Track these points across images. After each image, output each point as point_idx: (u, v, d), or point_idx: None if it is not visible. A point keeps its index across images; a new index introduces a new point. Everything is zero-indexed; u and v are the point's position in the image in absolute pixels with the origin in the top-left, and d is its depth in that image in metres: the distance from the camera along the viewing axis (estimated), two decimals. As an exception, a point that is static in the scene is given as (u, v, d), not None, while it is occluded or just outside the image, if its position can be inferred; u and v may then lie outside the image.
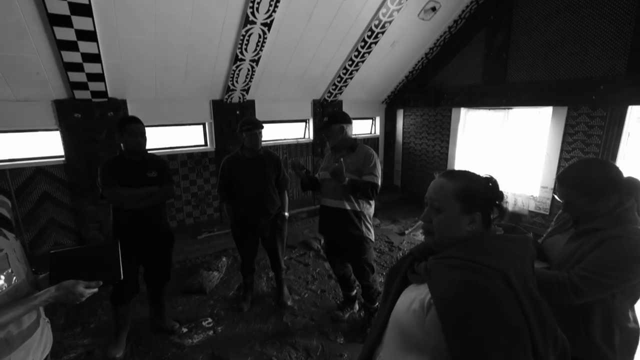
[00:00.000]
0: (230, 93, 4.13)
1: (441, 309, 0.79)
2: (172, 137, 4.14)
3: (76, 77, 3.10)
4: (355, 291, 2.92)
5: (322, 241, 4.31)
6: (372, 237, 2.53)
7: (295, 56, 4.10)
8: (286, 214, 2.91)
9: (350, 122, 2.46)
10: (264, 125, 2.73)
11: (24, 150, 3.34)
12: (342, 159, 2.21)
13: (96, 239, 3.70)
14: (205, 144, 4.36)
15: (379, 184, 2.34)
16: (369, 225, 2.49)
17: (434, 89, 5.24)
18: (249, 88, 4.19)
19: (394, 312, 0.98)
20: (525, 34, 4.14)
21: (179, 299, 3.12)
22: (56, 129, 3.35)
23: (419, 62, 5.24)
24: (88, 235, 3.67)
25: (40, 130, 3.33)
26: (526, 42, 4.15)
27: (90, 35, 2.82)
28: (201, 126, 4.31)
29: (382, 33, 4.22)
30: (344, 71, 4.65)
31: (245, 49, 3.60)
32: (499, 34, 4.36)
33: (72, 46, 2.84)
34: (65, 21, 2.65)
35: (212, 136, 4.31)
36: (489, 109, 4.96)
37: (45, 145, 3.42)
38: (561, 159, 4.08)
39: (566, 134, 4.01)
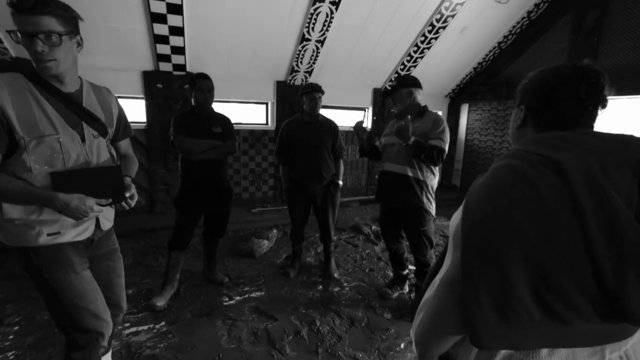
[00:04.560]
0: (294, 74, 4.28)
1: (467, 196, 0.66)
2: (237, 113, 4.39)
3: (162, 49, 3.47)
4: (406, 271, 2.77)
5: (373, 227, 4.19)
6: (433, 210, 2.38)
7: (360, 39, 4.12)
8: (340, 182, 2.88)
9: (420, 87, 2.36)
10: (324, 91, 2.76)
11: (114, 114, 3.82)
12: (409, 117, 2.11)
13: (163, 201, 4.05)
14: (266, 123, 4.55)
15: (446, 149, 2.21)
16: (430, 197, 2.35)
17: (506, 80, 4.87)
18: (312, 70, 4.30)
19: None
20: (624, 13, 3.66)
21: (230, 260, 3.25)
22: (142, 97, 3.77)
23: (490, 51, 4.92)
24: (157, 197, 4.03)
25: (129, 97, 3.78)
26: (624, 22, 3.66)
27: (177, 9, 3.14)
28: (264, 105, 4.51)
29: (452, 17, 4.06)
30: (408, 58, 4.55)
31: (312, 29, 3.71)
32: (590, 15, 3.91)
33: (162, 19, 3.18)
34: (159, -6, 2.99)
35: (273, 116, 4.49)
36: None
37: (133, 111, 3.86)
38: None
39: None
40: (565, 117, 0.71)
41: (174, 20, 3.21)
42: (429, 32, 4.19)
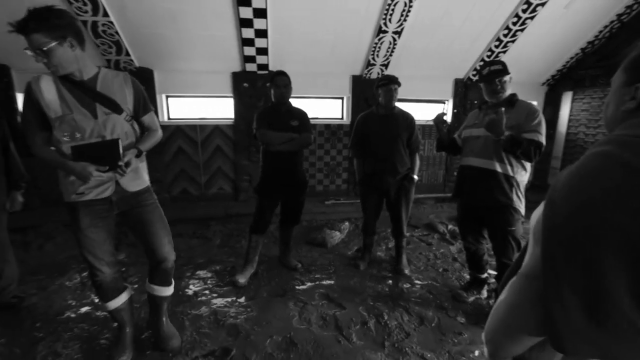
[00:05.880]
0: (370, 68, 4.25)
1: (552, 186, 0.57)
2: (314, 108, 4.56)
3: (248, 51, 3.79)
4: (485, 275, 2.56)
5: (449, 226, 3.96)
6: (523, 209, 2.16)
7: (440, 27, 3.88)
8: (415, 176, 2.79)
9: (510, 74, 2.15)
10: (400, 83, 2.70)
11: (208, 111, 4.33)
12: (502, 109, 1.91)
13: (246, 190, 4.46)
14: (342, 118, 4.63)
15: (544, 143, 1.97)
16: (520, 195, 2.13)
17: (626, 62, 4.05)
18: (388, 63, 4.22)
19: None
20: None
21: (303, 248, 3.43)
22: (230, 96, 4.19)
23: (606, 27, 4.15)
24: (241, 186, 4.45)
25: (220, 96, 4.24)
26: None
27: (262, 13, 3.39)
28: (340, 100, 4.59)
29: (555, -9, 3.54)
30: (497, 43, 4.13)
31: (389, 20, 3.63)
32: None
33: (249, 23, 3.48)
34: (246, 1, 3.26)
35: (348, 110, 4.55)
36: None
37: (222, 108, 4.33)
38: None
39: None
40: None
41: (259, 23, 3.49)
42: (524, 11, 3.73)
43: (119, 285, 1.81)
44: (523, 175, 2.13)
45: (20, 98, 3.89)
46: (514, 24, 3.88)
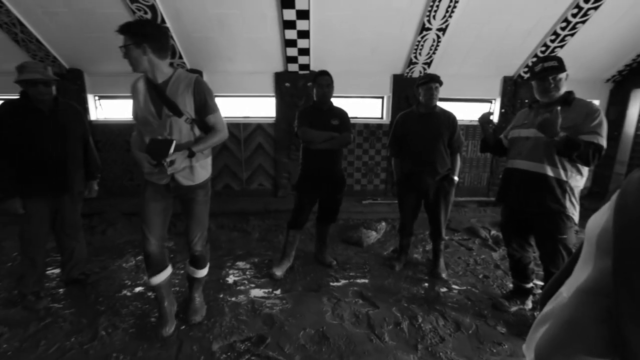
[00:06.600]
0: (411, 67, 4.17)
1: (621, 190, 0.53)
2: (354, 107, 4.57)
3: (291, 52, 3.91)
4: (531, 284, 2.41)
5: (492, 232, 3.77)
6: (577, 217, 2.01)
7: (489, 22, 3.70)
8: (456, 177, 2.70)
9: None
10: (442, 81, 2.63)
11: (251, 110, 4.53)
12: (558, 108, 1.77)
13: (285, 187, 4.59)
14: (381, 117, 4.59)
15: (605, 146, 1.82)
16: (574, 201, 1.99)
17: None
18: (431, 61, 4.11)
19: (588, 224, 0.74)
20: None
21: (339, 246, 3.47)
22: (272, 95, 4.34)
23: (686, 17, 3.68)
24: (280, 183, 4.59)
25: (263, 96, 4.41)
26: None
27: (305, 14, 3.47)
28: (380, 99, 4.55)
29: (624, -22, 3.22)
30: (553, 37, 3.84)
31: (434, 17, 3.54)
32: None
33: (292, 25, 3.59)
34: (290, 3, 3.36)
35: (388, 110, 4.50)
36: None
37: (264, 107, 4.50)
38: None
39: None
40: None
41: (302, 25, 3.57)
42: (585, 1, 3.43)
43: (164, 261, 2.03)
44: (578, 181, 1.99)
45: (91, 99, 4.36)
46: (574, 15, 3.58)
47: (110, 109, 4.54)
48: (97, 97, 4.42)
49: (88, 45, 3.71)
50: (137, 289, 2.57)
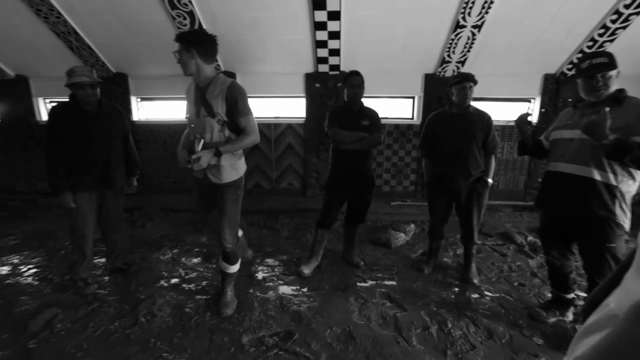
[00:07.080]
0: (444, 66, 4.07)
1: None
2: (385, 108, 4.52)
3: (321, 52, 3.94)
4: (572, 295, 2.27)
5: (529, 238, 3.58)
6: (628, 224, 1.87)
7: (528, 18, 3.52)
8: (490, 180, 2.60)
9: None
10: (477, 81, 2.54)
11: (282, 110, 4.61)
12: (607, 109, 1.63)
13: (314, 187, 4.64)
14: (412, 117, 4.51)
15: None
16: (625, 208, 1.85)
17: None
18: (465, 60, 3.98)
19: None
20: None
21: (367, 246, 3.45)
22: (302, 96, 4.40)
23: None
24: (309, 182, 4.64)
25: (293, 96, 4.48)
26: None
27: (336, 15, 3.49)
28: (410, 99, 4.47)
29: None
30: (601, 31, 3.58)
31: (469, 14, 3.43)
32: None
33: (323, 26, 3.62)
34: (321, 5, 3.39)
35: (419, 110, 4.41)
36: None
37: (295, 108, 4.56)
38: None
39: None
40: None
41: (332, 26, 3.60)
42: (640, -7, 3.17)
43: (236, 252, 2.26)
44: (630, 186, 1.84)
45: (133, 101, 4.64)
46: (627, 6, 3.32)
47: (151, 110, 4.82)
48: (139, 99, 4.71)
49: (132, 50, 3.97)
50: (173, 280, 2.71)
